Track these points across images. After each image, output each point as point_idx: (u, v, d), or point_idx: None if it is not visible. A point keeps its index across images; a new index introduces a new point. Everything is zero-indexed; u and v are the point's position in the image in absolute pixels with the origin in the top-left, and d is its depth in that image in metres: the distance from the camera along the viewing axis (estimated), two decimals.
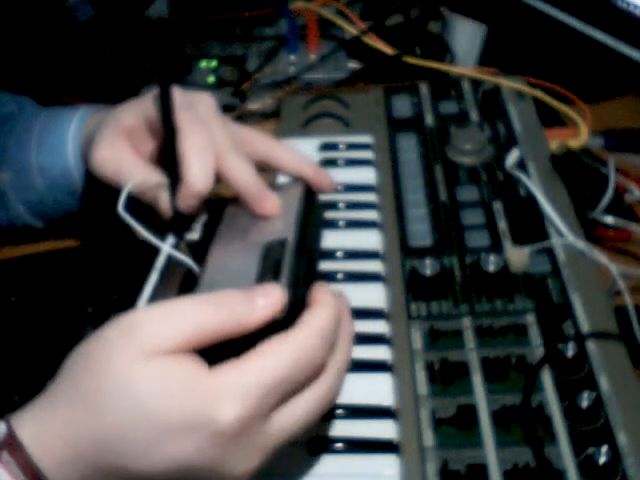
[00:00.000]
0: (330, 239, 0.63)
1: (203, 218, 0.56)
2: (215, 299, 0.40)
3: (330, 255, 0.62)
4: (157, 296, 0.49)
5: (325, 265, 0.61)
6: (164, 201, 0.54)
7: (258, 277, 0.46)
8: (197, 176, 0.52)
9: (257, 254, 0.48)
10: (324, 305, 0.43)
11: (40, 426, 0.38)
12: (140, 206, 0.54)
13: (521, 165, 0.69)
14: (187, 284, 0.49)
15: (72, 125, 0.62)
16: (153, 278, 0.50)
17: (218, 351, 0.40)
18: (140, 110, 0.56)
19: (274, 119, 0.81)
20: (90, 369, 0.39)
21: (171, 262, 0.51)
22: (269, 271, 0.46)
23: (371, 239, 0.64)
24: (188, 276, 0.50)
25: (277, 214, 0.54)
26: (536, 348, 0.55)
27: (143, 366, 0.38)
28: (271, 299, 0.41)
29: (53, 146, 0.62)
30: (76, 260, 0.68)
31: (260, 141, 0.58)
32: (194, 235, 0.55)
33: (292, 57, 0.90)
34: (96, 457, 0.38)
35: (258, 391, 0.39)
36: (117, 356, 0.38)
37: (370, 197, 0.68)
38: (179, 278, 0.50)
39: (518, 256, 0.60)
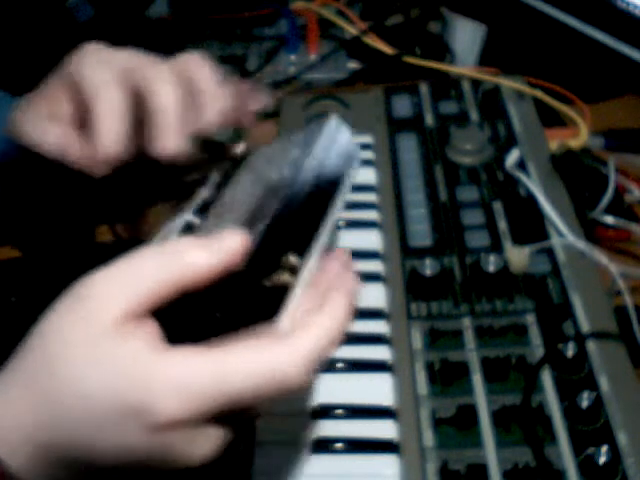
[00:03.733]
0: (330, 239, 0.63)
1: (215, 177, 0.52)
2: (167, 249, 0.38)
3: None
4: None
5: None
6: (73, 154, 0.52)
7: (246, 223, 0.42)
8: (107, 139, 0.50)
9: (257, 199, 0.45)
10: (332, 315, 0.38)
11: None
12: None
13: (521, 165, 0.69)
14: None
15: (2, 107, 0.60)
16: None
17: (181, 314, 0.37)
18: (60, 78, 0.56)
19: (274, 119, 0.81)
20: (39, 350, 0.37)
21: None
22: (257, 217, 0.42)
23: (371, 239, 0.64)
24: None
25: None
26: (536, 348, 0.55)
27: (90, 347, 0.36)
28: (227, 245, 0.37)
29: None
30: (75, 259, 0.68)
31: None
32: (207, 191, 0.51)
33: (292, 57, 0.90)
34: (47, 440, 0.37)
35: (203, 398, 0.35)
36: (65, 336, 0.36)
37: (370, 197, 0.68)
38: None
39: (518, 256, 0.60)
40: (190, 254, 0.37)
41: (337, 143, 0.49)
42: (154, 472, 0.39)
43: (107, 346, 0.36)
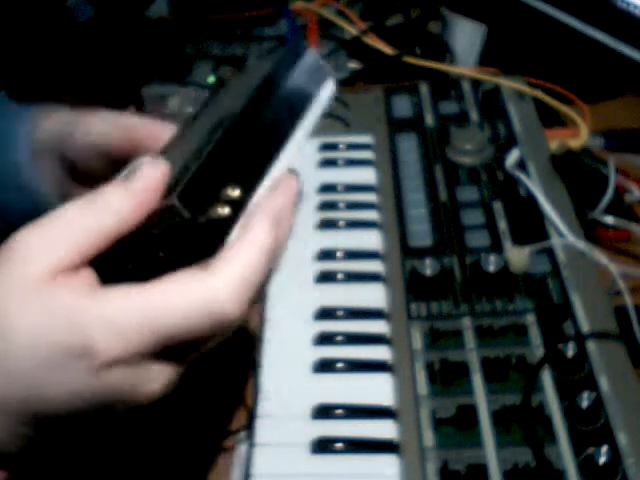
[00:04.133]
0: (330, 239, 0.63)
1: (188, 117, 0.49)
2: (90, 198, 0.37)
3: (330, 255, 0.62)
4: None
5: (325, 265, 0.61)
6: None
7: (191, 158, 0.39)
8: None
9: (209, 129, 0.41)
10: (254, 242, 0.36)
11: None
12: None
13: (521, 165, 0.69)
14: None
15: (26, 122, 0.60)
16: None
17: (123, 258, 0.36)
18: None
19: None
20: None
21: None
22: (201, 150, 0.39)
23: (371, 239, 0.64)
24: None
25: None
26: (536, 348, 0.55)
27: (25, 300, 0.36)
28: (146, 178, 0.37)
29: (2, 142, 0.61)
30: None
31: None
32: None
33: None
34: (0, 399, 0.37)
35: (139, 335, 0.35)
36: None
37: (370, 197, 0.68)
38: None
39: (518, 256, 0.60)
40: (111, 200, 0.37)
41: (301, 64, 0.46)
42: (108, 417, 0.39)
43: (39, 298, 0.36)
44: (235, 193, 0.37)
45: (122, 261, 0.37)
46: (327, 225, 0.65)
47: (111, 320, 0.35)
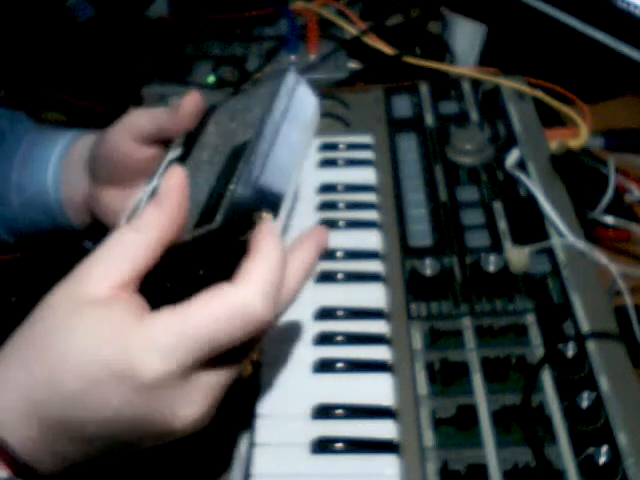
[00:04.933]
0: (330, 239, 0.63)
1: (180, 137, 0.56)
2: (135, 223, 0.41)
3: (330, 255, 0.62)
4: None
5: (325, 265, 0.61)
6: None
7: (215, 186, 0.45)
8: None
9: (225, 159, 0.47)
10: (267, 254, 0.40)
11: None
12: None
13: (521, 165, 0.69)
14: None
15: (57, 146, 0.63)
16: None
17: (159, 280, 0.40)
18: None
19: None
20: (32, 326, 0.40)
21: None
22: (223, 177, 0.45)
23: (371, 239, 0.64)
24: None
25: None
26: (536, 348, 0.55)
27: (76, 319, 0.39)
28: (171, 192, 0.41)
29: (35, 165, 0.63)
30: (75, 261, 0.68)
31: None
32: (175, 152, 0.55)
33: (292, 57, 0.90)
34: (36, 413, 0.38)
35: (182, 350, 0.38)
36: (56, 311, 0.39)
37: (370, 197, 0.68)
38: None
39: (518, 256, 0.60)
40: (150, 217, 0.41)
41: (296, 97, 0.52)
42: (139, 443, 0.41)
43: (91, 317, 0.39)
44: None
45: (162, 281, 0.41)
46: (327, 225, 0.64)
47: (155, 342, 0.38)
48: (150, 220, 0.41)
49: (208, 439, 0.55)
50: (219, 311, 0.38)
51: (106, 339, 0.38)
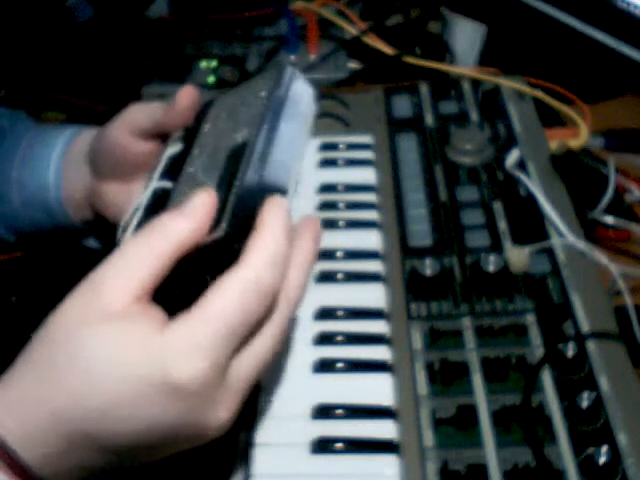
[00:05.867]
0: (330, 239, 0.63)
1: (177, 133, 0.56)
2: (150, 230, 0.41)
3: (330, 255, 0.62)
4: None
5: (325, 265, 0.61)
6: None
7: (215, 188, 0.44)
8: None
9: (225, 159, 0.47)
10: (271, 227, 0.41)
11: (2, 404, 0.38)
12: None
13: (521, 165, 0.69)
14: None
15: (58, 144, 0.64)
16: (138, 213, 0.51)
17: (173, 288, 0.40)
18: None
19: None
20: (49, 340, 0.39)
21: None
22: (224, 181, 0.45)
23: (371, 239, 0.64)
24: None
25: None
26: (536, 348, 0.55)
27: (98, 332, 0.38)
28: (198, 205, 0.41)
29: (36, 163, 0.64)
30: (75, 260, 0.68)
31: None
32: (174, 148, 0.55)
33: (292, 57, 0.90)
34: (60, 428, 0.38)
35: (211, 342, 0.38)
36: (74, 325, 0.39)
37: (370, 197, 0.68)
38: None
39: (518, 256, 0.60)
40: (170, 225, 0.41)
41: (293, 90, 0.52)
42: (171, 449, 0.41)
43: (114, 331, 0.38)
44: None
45: (171, 289, 0.41)
46: (327, 225, 0.65)
47: (183, 344, 0.38)
48: (172, 229, 0.40)
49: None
50: (231, 291, 0.39)
51: (135, 352, 0.38)
